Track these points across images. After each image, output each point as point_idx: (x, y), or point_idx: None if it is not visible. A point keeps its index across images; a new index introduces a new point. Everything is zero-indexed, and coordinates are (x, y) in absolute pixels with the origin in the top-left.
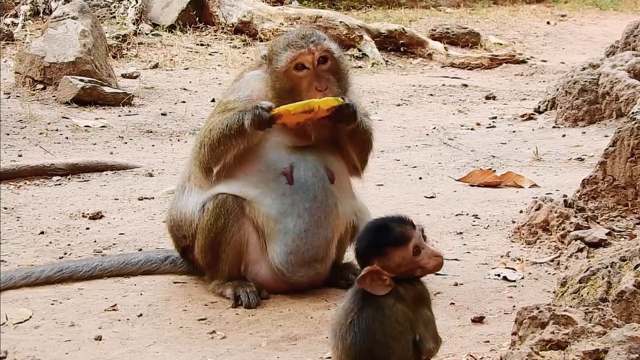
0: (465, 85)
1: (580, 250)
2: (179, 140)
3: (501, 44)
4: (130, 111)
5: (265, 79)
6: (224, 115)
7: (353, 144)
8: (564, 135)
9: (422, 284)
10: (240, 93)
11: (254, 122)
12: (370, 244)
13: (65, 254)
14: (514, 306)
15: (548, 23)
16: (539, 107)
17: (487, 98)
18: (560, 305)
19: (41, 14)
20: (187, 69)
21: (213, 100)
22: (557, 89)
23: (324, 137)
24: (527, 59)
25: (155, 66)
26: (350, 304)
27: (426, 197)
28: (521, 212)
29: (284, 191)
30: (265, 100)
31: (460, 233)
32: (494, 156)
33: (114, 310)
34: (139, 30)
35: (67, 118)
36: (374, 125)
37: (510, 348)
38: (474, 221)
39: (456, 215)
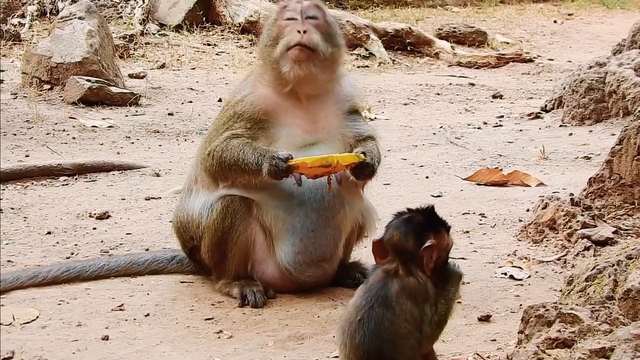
0: (472, 84)
1: (587, 248)
2: (185, 140)
3: (508, 43)
4: (137, 111)
5: (261, 43)
6: (239, 144)
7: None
8: (570, 134)
9: (430, 280)
10: (245, 91)
11: (271, 172)
12: (427, 219)
13: (72, 254)
14: (520, 305)
15: (555, 22)
16: (546, 105)
17: (494, 97)
18: (567, 304)
19: (48, 14)
20: (194, 68)
21: (220, 100)
22: (564, 88)
23: (332, 137)
24: (534, 57)
25: (162, 66)
26: (361, 301)
27: (433, 196)
28: (528, 210)
29: (292, 191)
30: (263, 91)
31: (467, 232)
32: (500, 155)
33: (120, 310)
34: (146, 30)
35: (74, 118)
36: (381, 153)
37: (516, 346)
38: (481, 220)
39: (463, 214)
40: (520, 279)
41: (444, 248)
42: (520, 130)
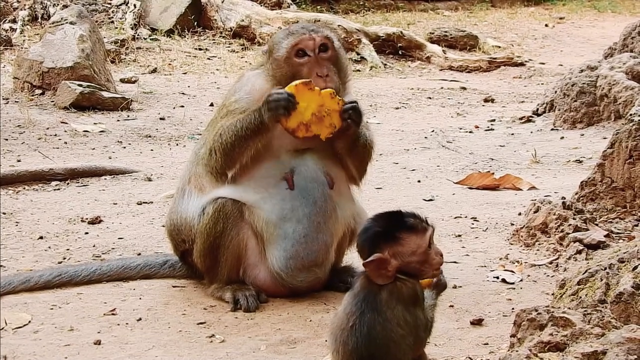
0: (464, 88)
1: (579, 252)
2: (177, 144)
3: (499, 47)
4: (128, 116)
5: (266, 71)
6: (230, 119)
7: (352, 157)
8: (562, 138)
9: (419, 283)
10: (240, 92)
11: (271, 105)
12: (384, 229)
13: (64, 258)
14: (512, 308)
15: (546, 25)
16: (538, 109)
17: (486, 101)
18: (559, 307)
19: (39, 19)
20: (185, 73)
21: (212, 105)
22: (556, 91)
23: (324, 144)
24: (526, 61)
25: (154, 71)
26: (351, 308)
27: (425, 200)
28: (520, 214)
29: (284, 196)
30: (259, 97)
31: (459, 236)
32: (492, 159)
33: (113, 314)
34: (138, 35)
35: (66, 123)
36: (374, 135)
37: (509, 350)
38: (473, 224)
39: (455, 218)
40: (512, 283)
41: (411, 253)
42: (512, 134)
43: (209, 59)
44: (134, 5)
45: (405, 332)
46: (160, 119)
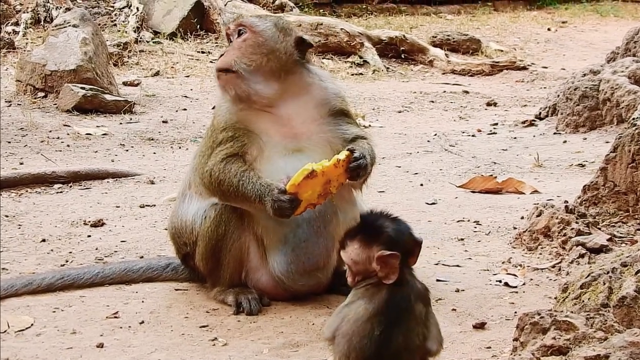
0: (466, 92)
1: (582, 256)
2: (180, 147)
3: (502, 51)
4: (131, 119)
5: None
6: (237, 171)
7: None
8: (565, 142)
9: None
10: (222, 107)
11: (276, 211)
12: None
13: (67, 261)
14: (515, 312)
15: (549, 29)
16: (540, 113)
17: (488, 104)
18: (562, 311)
19: (42, 22)
20: (188, 76)
21: (214, 108)
22: (558, 95)
23: (314, 143)
24: (528, 65)
25: (157, 74)
26: (380, 318)
27: (427, 203)
28: (522, 218)
29: None
30: (234, 115)
31: (462, 239)
32: (495, 162)
33: (115, 317)
34: (140, 38)
35: (69, 126)
36: (375, 146)
37: (511, 354)
38: (475, 227)
39: (457, 221)
40: (515, 287)
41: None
42: (515, 138)
43: (211, 62)
44: (137, 9)
45: (420, 342)
46: (163, 122)
